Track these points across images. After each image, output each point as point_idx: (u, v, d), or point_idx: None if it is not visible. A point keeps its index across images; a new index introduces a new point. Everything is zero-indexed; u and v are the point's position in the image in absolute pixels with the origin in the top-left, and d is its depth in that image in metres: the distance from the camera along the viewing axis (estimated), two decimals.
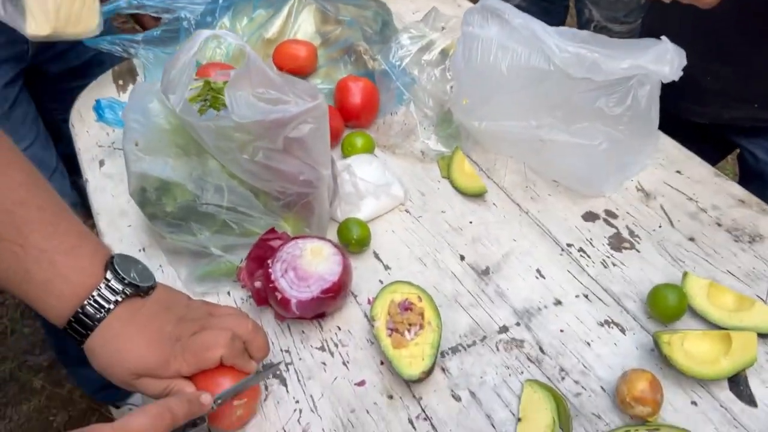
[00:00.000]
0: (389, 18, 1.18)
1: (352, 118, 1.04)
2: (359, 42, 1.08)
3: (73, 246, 0.60)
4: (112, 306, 0.60)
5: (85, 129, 1.12)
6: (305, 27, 1.11)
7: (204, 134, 0.78)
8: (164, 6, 1.13)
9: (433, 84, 1.03)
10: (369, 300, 0.81)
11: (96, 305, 0.59)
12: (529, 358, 0.73)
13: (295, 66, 1.06)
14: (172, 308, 0.65)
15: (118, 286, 0.61)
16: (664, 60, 0.81)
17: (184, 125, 0.80)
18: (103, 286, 0.60)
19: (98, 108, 0.99)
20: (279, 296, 0.75)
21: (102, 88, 1.21)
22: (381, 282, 0.83)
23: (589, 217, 0.89)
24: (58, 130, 1.36)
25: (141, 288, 0.63)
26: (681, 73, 0.81)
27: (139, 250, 0.89)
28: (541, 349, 0.74)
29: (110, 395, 1.54)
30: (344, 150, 1.00)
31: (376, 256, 0.87)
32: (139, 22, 1.51)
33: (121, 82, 1.22)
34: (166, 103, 0.82)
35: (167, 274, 0.86)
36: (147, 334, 0.61)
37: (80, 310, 0.59)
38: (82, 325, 0.59)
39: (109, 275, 0.61)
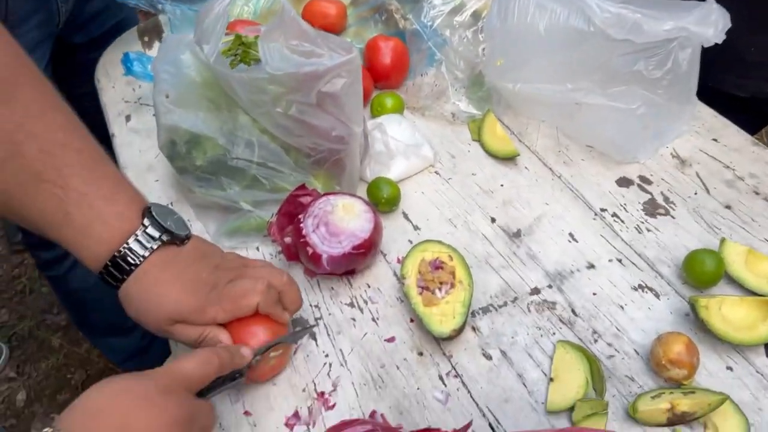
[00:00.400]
0: None
1: (381, 79, 1.02)
2: (390, 1, 1.06)
3: (112, 191, 0.60)
4: (148, 253, 0.60)
5: (111, 84, 1.11)
6: None
7: (237, 86, 0.77)
8: None
9: (464, 45, 1.01)
10: (398, 259, 0.80)
11: (133, 251, 0.59)
12: (561, 320, 0.72)
13: (324, 24, 1.04)
14: (208, 257, 0.64)
15: (155, 233, 0.60)
16: (708, 21, 0.79)
17: (217, 77, 0.79)
18: (140, 232, 0.60)
19: (126, 61, 0.98)
20: (310, 251, 0.75)
21: (127, 44, 1.20)
22: (410, 242, 0.82)
23: (623, 182, 0.87)
24: (78, 105, 1.35)
25: (177, 236, 0.62)
26: (724, 36, 0.79)
27: (167, 205, 0.89)
28: (573, 312, 0.73)
29: (139, 365, 1.55)
30: (373, 110, 0.98)
31: (406, 216, 0.86)
32: None
33: (146, 39, 1.21)
34: (199, 54, 0.81)
35: (195, 228, 0.85)
36: (183, 281, 0.60)
37: (117, 254, 0.59)
38: (118, 269, 0.59)
39: (146, 222, 0.60)
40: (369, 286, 0.78)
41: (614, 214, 0.83)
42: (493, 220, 0.84)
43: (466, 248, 0.80)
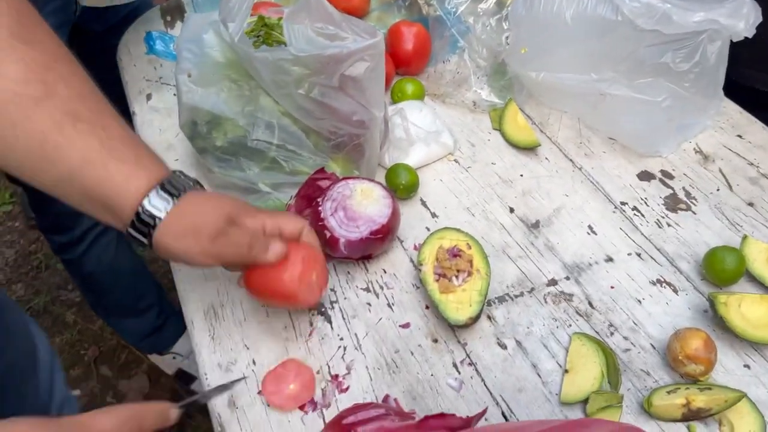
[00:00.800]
0: None
1: (403, 64, 1.01)
2: None
3: (138, 147, 0.60)
4: (183, 191, 0.59)
5: (133, 63, 1.11)
6: None
7: (260, 67, 0.77)
8: None
9: (488, 33, 1.00)
10: (415, 246, 0.80)
11: (170, 186, 0.58)
12: (577, 312, 0.72)
13: (347, 8, 1.03)
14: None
15: (188, 181, 0.61)
16: (739, 15, 0.77)
17: (240, 57, 0.79)
18: (177, 173, 0.60)
19: (149, 39, 0.98)
20: (328, 235, 0.75)
21: (149, 23, 1.20)
22: (428, 229, 0.82)
23: (645, 176, 0.86)
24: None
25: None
26: (754, 31, 0.78)
27: None
28: (590, 304, 0.73)
29: (154, 344, 1.56)
30: (394, 96, 0.98)
31: (424, 203, 0.86)
32: None
33: (168, 18, 1.21)
34: (222, 34, 0.81)
35: None
36: (225, 197, 0.62)
37: (170, 177, 0.59)
38: (167, 192, 0.58)
39: (177, 171, 0.61)
40: (385, 272, 0.78)
41: (634, 208, 0.83)
42: (511, 210, 0.84)
43: (483, 237, 0.80)
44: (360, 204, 0.76)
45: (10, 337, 0.81)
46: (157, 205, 0.57)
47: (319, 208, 0.77)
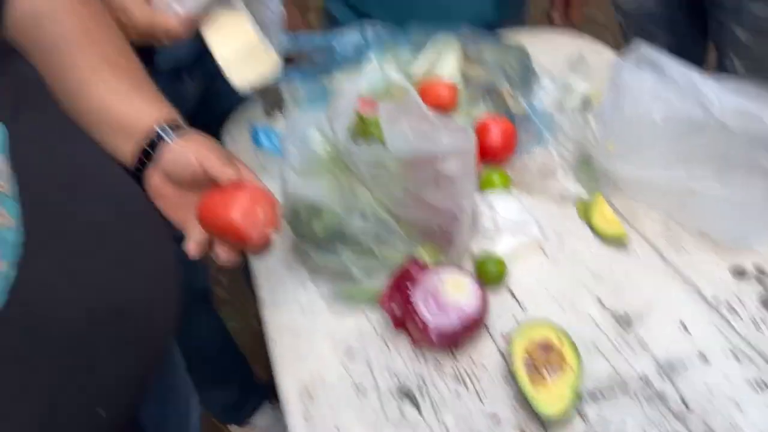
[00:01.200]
0: (528, 61, 1.20)
1: (489, 156, 1.06)
2: (501, 83, 1.10)
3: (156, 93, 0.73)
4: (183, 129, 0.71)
5: (236, 149, 1.21)
6: (448, 66, 1.15)
7: (360, 162, 0.83)
8: (321, 44, 1.21)
9: (574, 128, 1.04)
10: (503, 335, 0.81)
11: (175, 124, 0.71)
12: (672, 413, 0.71)
13: (437, 103, 1.10)
14: None
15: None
16: None
17: (341, 153, 0.86)
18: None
19: (255, 135, 1.07)
20: (418, 322, 0.78)
21: (250, 111, 1.30)
22: (515, 319, 0.83)
23: (739, 272, 0.85)
24: None
25: None
26: None
27: (285, 268, 0.95)
28: (685, 405, 0.72)
29: (235, 415, 1.60)
30: (481, 186, 1.02)
31: (511, 293, 0.87)
32: (290, 59, 1.60)
33: (269, 109, 1.31)
34: (326, 131, 0.88)
35: (309, 289, 0.91)
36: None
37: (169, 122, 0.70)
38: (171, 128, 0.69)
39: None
40: (473, 361, 0.79)
41: (729, 306, 0.81)
42: (601, 303, 0.84)
43: (573, 330, 0.80)
44: (450, 293, 0.79)
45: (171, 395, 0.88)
46: (169, 129, 0.69)
47: (410, 296, 0.80)
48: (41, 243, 0.49)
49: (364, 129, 0.92)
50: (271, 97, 1.35)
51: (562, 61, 1.23)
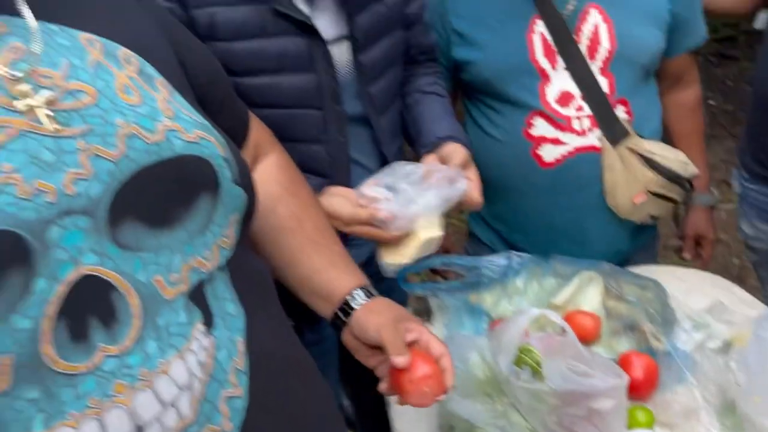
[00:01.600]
0: (667, 299, 1.28)
1: (632, 391, 1.11)
2: (642, 321, 1.18)
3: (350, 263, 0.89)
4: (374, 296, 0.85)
5: None
6: (591, 299, 1.25)
7: (519, 392, 0.92)
8: (469, 265, 1.36)
9: (716, 371, 1.08)
10: None
11: (367, 291, 0.85)
12: None
13: (580, 333, 1.18)
14: None
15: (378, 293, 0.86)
16: None
17: (501, 381, 0.96)
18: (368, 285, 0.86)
19: None
20: None
21: None
22: None
23: None
24: None
25: None
26: None
27: None
28: None
29: None
30: (628, 425, 1.06)
31: None
32: (438, 271, 1.74)
33: (416, 316, 1.45)
34: (485, 356, 0.99)
35: None
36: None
37: (361, 288, 0.84)
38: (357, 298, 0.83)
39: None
40: None
41: None
42: None
43: None
44: None
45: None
46: (358, 297, 0.83)
47: None
48: (262, 408, 0.62)
49: (524, 360, 1.02)
50: (418, 305, 1.50)
51: (697, 301, 1.30)
